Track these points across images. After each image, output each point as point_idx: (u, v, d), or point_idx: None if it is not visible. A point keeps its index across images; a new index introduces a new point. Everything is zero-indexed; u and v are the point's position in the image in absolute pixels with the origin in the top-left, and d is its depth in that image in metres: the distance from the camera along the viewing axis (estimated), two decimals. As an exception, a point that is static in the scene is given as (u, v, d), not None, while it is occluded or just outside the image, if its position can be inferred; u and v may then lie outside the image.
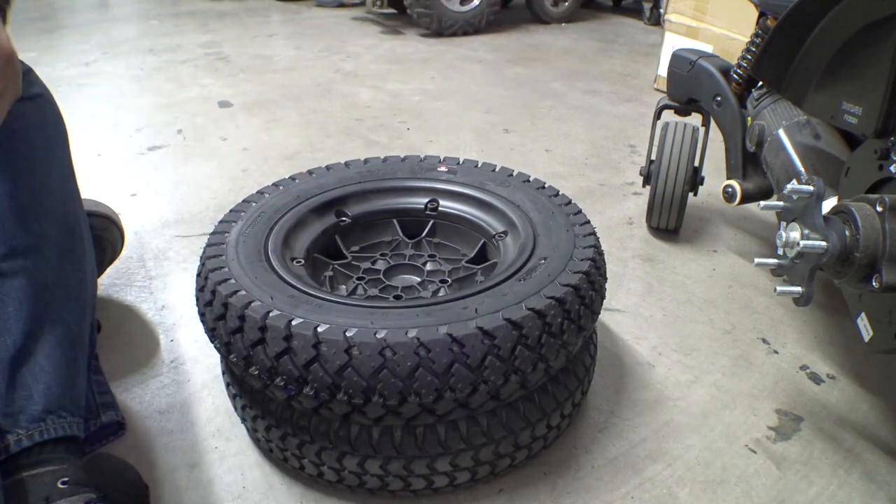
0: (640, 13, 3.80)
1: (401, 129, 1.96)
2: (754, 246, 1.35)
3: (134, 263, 1.22)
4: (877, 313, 0.74)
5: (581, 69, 2.71)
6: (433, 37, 3.24)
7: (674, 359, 1.01)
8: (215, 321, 0.70)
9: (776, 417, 0.90)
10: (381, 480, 0.71)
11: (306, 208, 0.88)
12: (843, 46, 0.80)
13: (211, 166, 1.65)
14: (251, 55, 2.80)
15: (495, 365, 0.64)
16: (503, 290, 0.70)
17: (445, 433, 0.69)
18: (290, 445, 0.72)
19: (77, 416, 0.69)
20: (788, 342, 1.05)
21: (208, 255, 0.77)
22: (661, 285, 1.20)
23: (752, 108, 1.17)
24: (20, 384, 0.66)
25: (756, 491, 0.78)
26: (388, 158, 1.02)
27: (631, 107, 2.22)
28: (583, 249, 0.78)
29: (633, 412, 0.90)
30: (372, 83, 2.41)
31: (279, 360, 0.64)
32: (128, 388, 0.92)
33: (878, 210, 0.66)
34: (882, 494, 0.78)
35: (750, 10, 1.23)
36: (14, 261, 0.69)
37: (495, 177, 0.96)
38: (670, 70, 1.31)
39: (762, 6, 1.12)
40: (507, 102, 2.24)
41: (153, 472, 0.78)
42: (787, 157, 1.00)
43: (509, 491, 0.77)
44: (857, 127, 0.78)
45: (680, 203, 1.29)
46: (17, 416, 0.65)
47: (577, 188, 1.58)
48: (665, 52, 2.32)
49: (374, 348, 0.62)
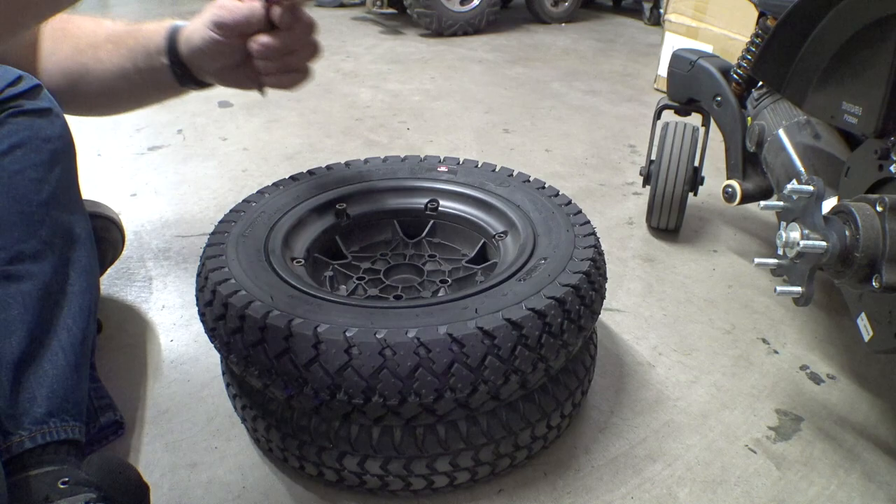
0: (640, 13, 3.80)
1: (401, 128, 1.96)
2: (754, 246, 1.35)
3: (134, 263, 1.22)
4: (877, 313, 0.74)
5: (581, 69, 2.71)
6: (433, 37, 3.24)
7: (674, 359, 1.01)
8: (215, 321, 0.70)
9: (776, 417, 0.90)
10: (381, 480, 0.71)
11: (306, 208, 0.88)
12: (843, 46, 0.80)
13: (211, 166, 1.65)
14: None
15: (495, 365, 0.64)
16: (503, 290, 0.70)
17: (445, 433, 0.69)
18: (290, 445, 0.72)
19: (79, 421, 0.69)
20: (788, 342, 1.05)
21: (208, 255, 0.77)
22: (661, 285, 1.20)
23: (752, 108, 1.17)
24: (24, 387, 0.66)
25: (756, 491, 0.78)
26: (388, 158, 1.02)
27: (631, 107, 2.22)
28: (583, 249, 0.78)
29: (633, 412, 0.90)
30: (372, 83, 2.41)
31: (279, 360, 0.64)
32: (128, 388, 0.92)
33: (878, 210, 0.66)
34: (882, 494, 0.78)
35: (750, 10, 1.23)
36: (21, 265, 0.70)
37: (495, 177, 0.96)
38: (670, 70, 1.31)
39: (762, 6, 1.12)
40: (507, 102, 2.24)
41: (153, 472, 0.78)
42: (787, 157, 1.00)
43: (509, 491, 0.77)
44: (857, 127, 0.78)
45: (680, 203, 1.29)
46: (21, 419, 0.65)
47: (577, 188, 1.58)
48: (665, 52, 2.32)
49: (374, 348, 0.62)
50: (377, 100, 2.23)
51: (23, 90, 0.76)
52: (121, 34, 0.86)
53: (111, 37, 0.86)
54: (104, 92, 0.89)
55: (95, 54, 0.86)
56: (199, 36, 0.78)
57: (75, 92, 0.88)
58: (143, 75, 0.86)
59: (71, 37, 0.88)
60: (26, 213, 0.72)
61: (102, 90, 0.88)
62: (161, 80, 0.86)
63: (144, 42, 0.84)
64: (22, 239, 0.71)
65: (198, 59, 0.82)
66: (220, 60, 0.81)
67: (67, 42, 0.87)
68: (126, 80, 0.87)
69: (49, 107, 0.78)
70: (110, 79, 0.87)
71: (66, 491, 0.61)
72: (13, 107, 0.74)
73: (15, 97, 0.75)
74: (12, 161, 0.72)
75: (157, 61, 0.84)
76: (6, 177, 0.71)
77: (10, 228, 0.70)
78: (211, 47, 0.78)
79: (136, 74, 0.86)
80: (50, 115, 0.78)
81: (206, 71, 0.83)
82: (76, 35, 0.88)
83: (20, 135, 0.73)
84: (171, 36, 0.82)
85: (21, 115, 0.75)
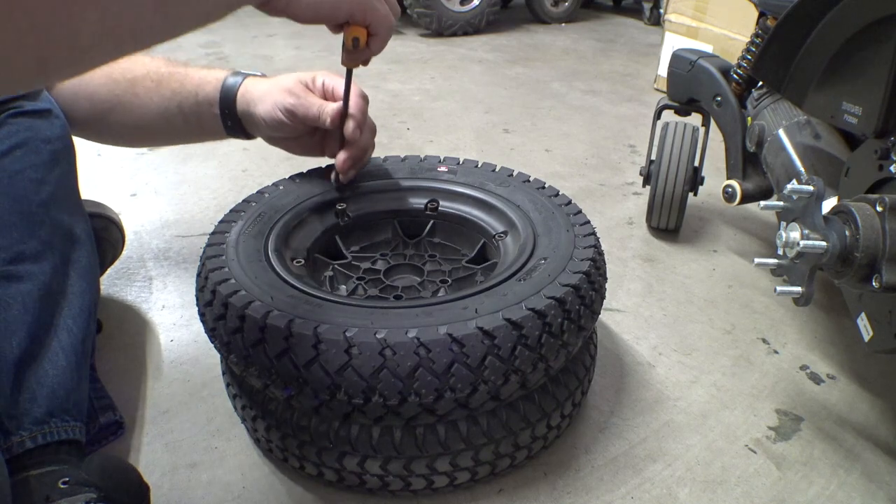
0: (640, 13, 3.80)
1: (401, 128, 1.96)
2: (754, 246, 1.35)
3: (134, 263, 1.22)
4: (877, 313, 0.74)
5: (581, 69, 2.71)
6: (433, 37, 3.24)
7: (674, 359, 1.01)
8: (215, 321, 0.70)
9: (776, 417, 0.90)
10: (381, 480, 0.71)
11: (306, 208, 0.88)
12: (843, 46, 0.80)
13: (211, 166, 1.65)
14: (251, 55, 2.80)
15: (495, 365, 0.64)
16: (503, 290, 0.70)
17: (445, 433, 0.69)
18: (290, 445, 0.72)
19: (79, 421, 0.69)
20: (788, 342, 1.05)
21: (208, 255, 0.77)
22: (661, 285, 1.20)
23: (752, 108, 1.17)
24: (25, 387, 0.66)
25: (756, 491, 0.78)
26: (387, 158, 1.02)
27: (631, 107, 2.22)
28: (583, 249, 0.78)
29: (633, 412, 0.90)
30: (372, 83, 2.41)
31: (279, 360, 0.64)
32: (128, 388, 0.92)
33: (878, 210, 0.66)
34: (882, 494, 0.78)
35: (750, 10, 1.23)
36: (22, 265, 0.70)
37: (495, 177, 0.96)
38: (670, 70, 1.31)
39: (762, 6, 1.12)
40: (507, 102, 2.24)
41: (153, 473, 0.78)
42: (787, 157, 1.00)
43: (509, 491, 0.77)
44: (857, 127, 0.78)
45: (680, 203, 1.29)
46: (21, 419, 0.65)
47: (577, 188, 1.58)
48: (665, 52, 2.32)
49: (373, 348, 0.62)
50: (377, 100, 2.23)
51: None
52: (163, 74, 0.89)
53: (152, 74, 0.89)
54: (140, 126, 0.92)
55: (132, 88, 0.89)
56: (265, 110, 0.85)
57: (105, 122, 0.91)
58: (188, 119, 0.90)
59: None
60: (26, 213, 0.72)
61: (138, 125, 0.92)
62: (207, 126, 0.91)
63: (193, 89, 0.89)
64: (22, 239, 0.71)
65: (256, 125, 0.89)
66: (281, 135, 0.89)
67: (99, 72, 0.89)
68: (166, 120, 0.91)
69: (49, 108, 0.78)
70: (148, 116, 0.90)
71: (66, 491, 0.61)
72: (13, 108, 0.74)
73: (15, 98, 0.75)
74: (12, 161, 0.72)
75: (205, 110, 0.89)
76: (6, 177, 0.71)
77: (10, 229, 0.70)
78: (275, 125, 0.86)
79: (179, 117, 0.90)
80: (49, 116, 0.78)
81: (262, 135, 0.91)
82: (109, 64, 0.89)
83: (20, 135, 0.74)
84: (227, 92, 0.88)
85: (21, 115, 0.75)
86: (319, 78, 0.88)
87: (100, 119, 0.90)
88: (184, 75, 0.90)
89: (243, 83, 0.88)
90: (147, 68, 0.90)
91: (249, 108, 0.87)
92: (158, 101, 0.89)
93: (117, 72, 0.89)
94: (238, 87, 0.88)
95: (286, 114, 0.84)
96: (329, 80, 0.88)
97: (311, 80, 0.88)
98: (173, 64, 0.91)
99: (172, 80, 0.89)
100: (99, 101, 0.89)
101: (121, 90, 0.88)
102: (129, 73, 0.89)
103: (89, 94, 0.88)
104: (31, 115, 0.76)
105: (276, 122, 0.85)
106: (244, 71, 0.92)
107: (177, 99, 0.89)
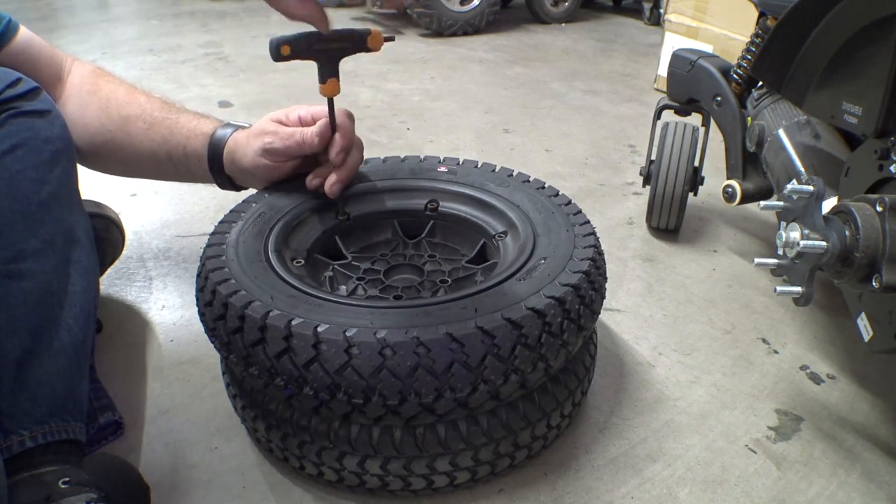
0: (640, 13, 3.80)
1: (401, 129, 1.96)
2: (754, 246, 1.35)
3: (134, 263, 1.22)
4: (877, 313, 0.74)
5: (581, 69, 2.71)
6: (433, 37, 3.24)
7: (674, 359, 1.01)
8: (215, 321, 0.70)
9: (776, 417, 0.90)
10: (381, 480, 0.71)
11: (306, 208, 0.88)
12: (843, 46, 0.80)
13: (211, 166, 1.65)
14: (251, 55, 2.80)
15: (495, 365, 0.64)
16: (503, 289, 0.70)
17: (445, 433, 0.69)
18: (290, 445, 0.72)
19: (80, 421, 0.69)
20: (788, 342, 1.05)
21: (208, 255, 0.77)
22: (661, 285, 1.20)
23: (752, 108, 1.17)
24: (25, 386, 0.66)
25: (756, 491, 0.78)
26: (387, 159, 1.02)
27: (631, 107, 2.22)
28: (583, 249, 0.78)
29: (633, 412, 0.90)
30: (372, 83, 2.41)
31: (279, 360, 0.64)
32: (128, 388, 0.92)
33: (878, 210, 0.66)
34: (882, 494, 0.78)
35: (750, 10, 1.23)
36: (23, 263, 0.70)
37: (495, 177, 0.96)
38: (670, 70, 1.31)
39: (762, 6, 1.12)
40: (507, 102, 2.24)
41: (153, 473, 0.78)
42: (787, 157, 1.00)
43: (509, 491, 0.77)
44: (857, 127, 0.78)
45: (680, 203, 1.29)
46: (21, 418, 0.65)
47: (577, 188, 1.59)
48: (665, 52, 2.32)
49: (373, 348, 0.62)
50: (377, 100, 2.23)
51: (22, 92, 0.76)
52: (156, 119, 0.90)
53: (144, 116, 0.90)
54: (131, 164, 0.94)
55: (124, 127, 0.90)
56: (249, 161, 0.86)
57: (99, 155, 0.93)
58: (178, 167, 0.92)
59: (100, 98, 0.91)
60: (27, 212, 0.72)
61: (130, 162, 0.93)
62: (198, 176, 0.93)
63: (182, 140, 0.90)
64: (22, 238, 0.71)
65: (244, 177, 0.90)
66: (271, 179, 0.90)
67: (94, 104, 0.90)
68: (156, 163, 0.92)
69: (48, 108, 0.78)
70: (139, 156, 0.91)
71: (67, 491, 0.61)
72: (13, 108, 0.74)
73: (14, 98, 0.75)
74: (13, 161, 0.72)
75: (194, 163, 0.90)
76: (7, 176, 0.71)
77: (11, 228, 0.70)
78: (261, 172, 0.87)
79: (169, 164, 0.91)
80: (49, 116, 0.78)
81: (253, 186, 0.92)
82: (105, 98, 0.91)
83: (21, 135, 0.74)
84: (214, 149, 0.89)
85: (21, 116, 0.75)
86: (294, 112, 0.88)
87: (97, 152, 0.92)
88: (174, 123, 0.90)
89: (230, 139, 0.89)
90: (142, 108, 0.90)
91: (235, 164, 0.88)
92: (149, 144, 0.90)
93: (113, 106, 0.90)
94: (224, 144, 0.89)
95: (266, 155, 0.85)
96: (304, 111, 0.88)
97: (285, 116, 0.88)
98: (167, 107, 0.92)
99: (163, 126, 0.90)
100: (95, 136, 0.90)
101: (114, 126, 0.89)
102: (124, 110, 0.90)
103: (85, 124, 0.89)
104: (32, 115, 0.76)
105: (262, 167, 0.86)
106: (233, 122, 0.92)
107: (166, 147, 0.90)
